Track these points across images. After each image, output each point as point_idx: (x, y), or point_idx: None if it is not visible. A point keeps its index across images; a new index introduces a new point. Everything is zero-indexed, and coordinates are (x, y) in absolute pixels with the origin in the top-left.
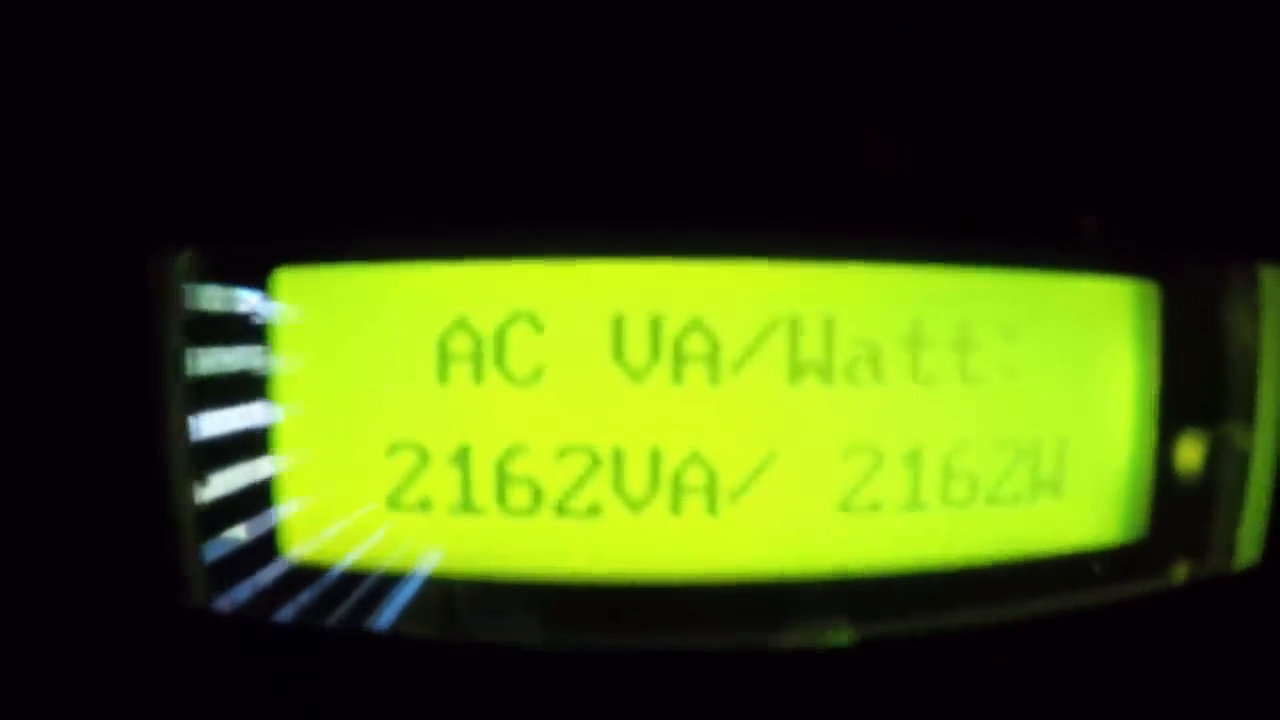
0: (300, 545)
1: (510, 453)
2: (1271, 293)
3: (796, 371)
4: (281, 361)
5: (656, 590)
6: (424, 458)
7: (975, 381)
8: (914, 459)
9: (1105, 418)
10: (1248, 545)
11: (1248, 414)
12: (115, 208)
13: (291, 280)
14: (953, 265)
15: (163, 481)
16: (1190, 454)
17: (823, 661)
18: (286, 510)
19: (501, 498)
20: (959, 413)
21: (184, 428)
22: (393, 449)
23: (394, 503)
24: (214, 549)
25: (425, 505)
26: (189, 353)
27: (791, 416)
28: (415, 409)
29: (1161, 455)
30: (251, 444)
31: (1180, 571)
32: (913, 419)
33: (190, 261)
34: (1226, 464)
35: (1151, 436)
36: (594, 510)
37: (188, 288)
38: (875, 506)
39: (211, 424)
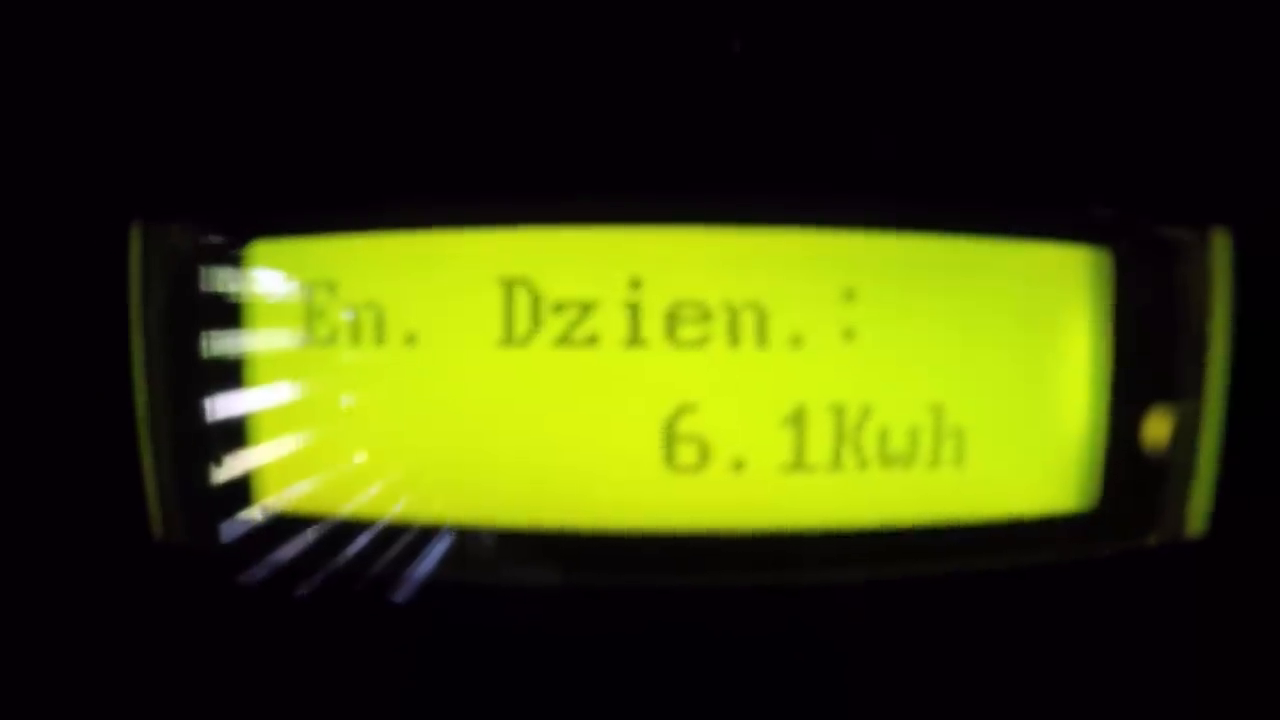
0: (275, 495)
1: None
2: (1221, 257)
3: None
4: (257, 328)
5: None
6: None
7: (913, 346)
8: (840, 419)
9: (1057, 387)
10: (1196, 516)
11: (1197, 382)
12: (92, 181)
13: (267, 252)
14: (893, 230)
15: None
16: (1143, 423)
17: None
18: (263, 460)
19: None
20: (890, 375)
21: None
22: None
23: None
24: (191, 495)
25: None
26: (170, 318)
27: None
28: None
29: (1113, 424)
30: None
31: (1129, 542)
32: (843, 381)
33: (169, 234)
34: (1178, 433)
35: (1103, 406)
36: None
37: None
38: (809, 467)
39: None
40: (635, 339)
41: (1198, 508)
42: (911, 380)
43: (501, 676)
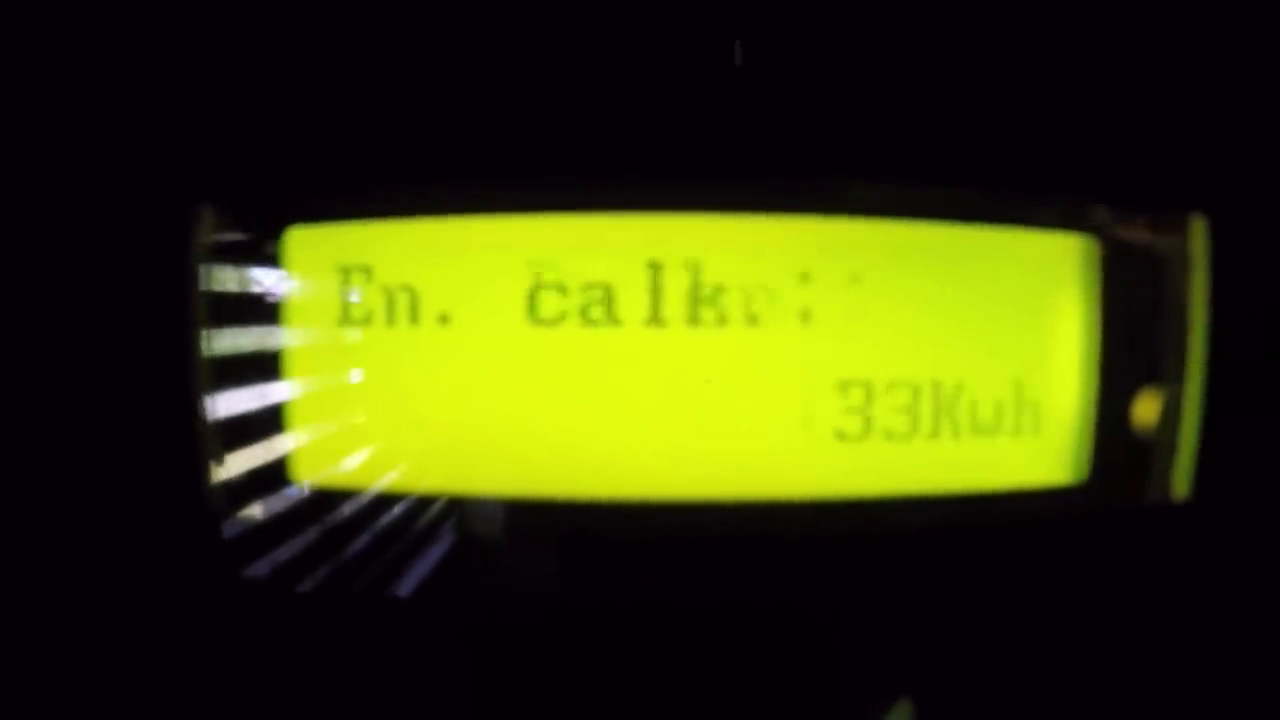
0: (309, 473)
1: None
2: (1200, 243)
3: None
4: (293, 313)
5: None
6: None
7: (917, 327)
8: (845, 395)
9: (1050, 368)
10: (1180, 483)
11: (1180, 363)
12: (129, 170)
13: (302, 238)
14: (898, 218)
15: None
16: (1132, 405)
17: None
18: (297, 440)
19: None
20: (893, 354)
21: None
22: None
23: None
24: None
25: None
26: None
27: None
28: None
29: (1103, 404)
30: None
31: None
32: (849, 358)
33: (207, 221)
34: (1164, 413)
35: (1093, 386)
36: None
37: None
38: (817, 440)
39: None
40: (656, 318)
41: (1181, 478)
42: (914, 358)
43: (545, 641)
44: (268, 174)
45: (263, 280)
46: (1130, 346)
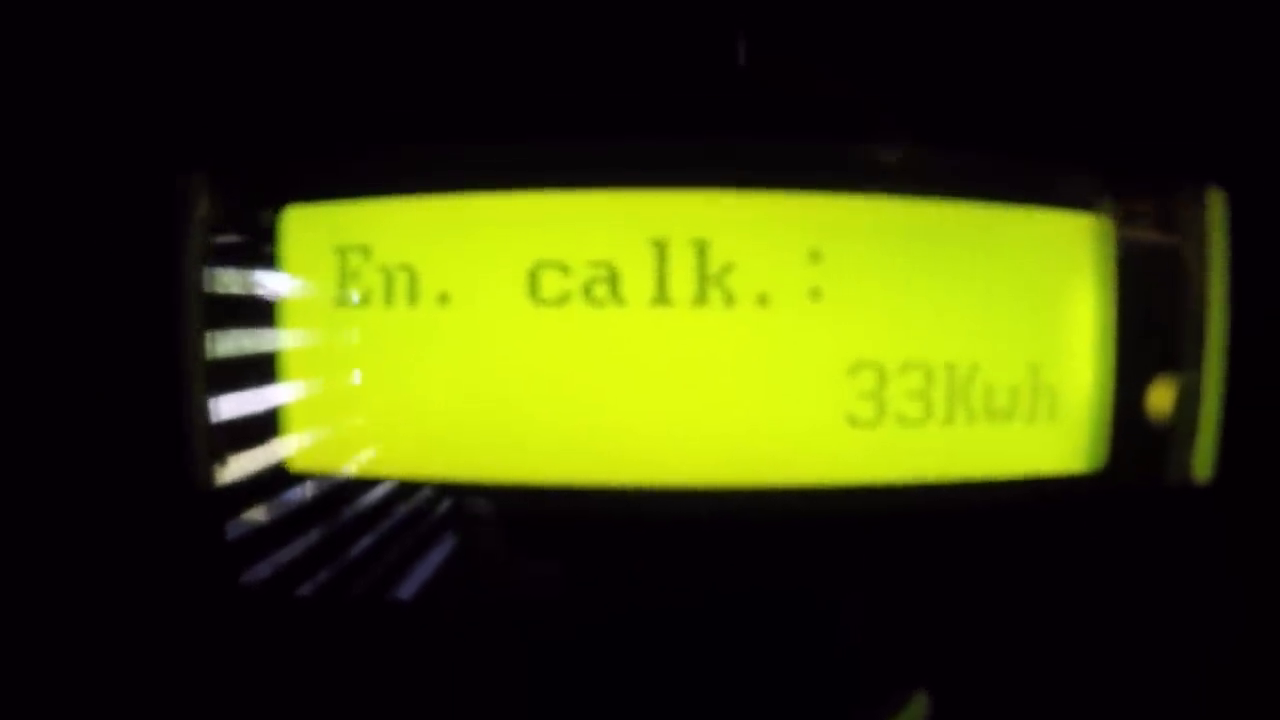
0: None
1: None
2: (1217, 216)
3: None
4: (291, 296)
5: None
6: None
7: (929, 308)
8: (855, 379)
9: (1066, 351)
10: (1201, 467)
11: (1199, 346)
12: (126, 145)
13: (300, 217)
14: (910, 195)
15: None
16: (1147, 392)
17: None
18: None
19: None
20: (910, 337)
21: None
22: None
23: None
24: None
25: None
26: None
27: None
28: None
29: (1120, 388)
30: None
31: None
32: (866, 340)
33: (201, 205)
34: (1180, 395)
35: (1109, 370)
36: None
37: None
38: (831, 426)
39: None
40: (662, 298)
41: (1201, 462)
42: (927, 339)
43: (551, 633)
44: (263, 153)
45: (260, 266)
46: (1148, 329)
